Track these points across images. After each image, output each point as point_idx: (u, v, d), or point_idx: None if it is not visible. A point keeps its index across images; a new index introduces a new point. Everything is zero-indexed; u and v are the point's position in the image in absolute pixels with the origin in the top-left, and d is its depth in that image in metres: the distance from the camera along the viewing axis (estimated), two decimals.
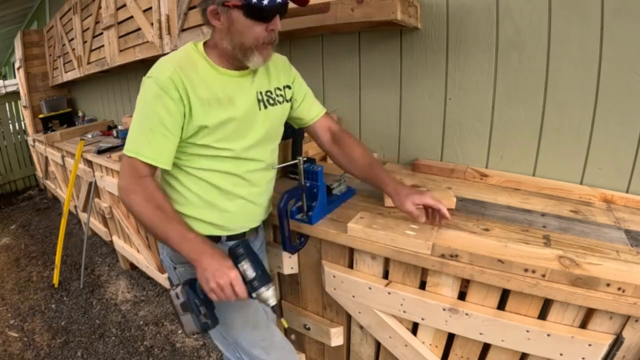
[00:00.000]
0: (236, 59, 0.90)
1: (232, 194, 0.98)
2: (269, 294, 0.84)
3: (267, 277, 0.85)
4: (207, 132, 0.90)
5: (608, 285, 0.77)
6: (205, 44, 0.94)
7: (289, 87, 1.07)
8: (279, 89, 1.03)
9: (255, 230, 1.12)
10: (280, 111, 1.04)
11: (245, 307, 1.03)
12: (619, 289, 0.76)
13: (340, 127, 1.18)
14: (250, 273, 0.82)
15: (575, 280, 0.79)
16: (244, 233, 1.06)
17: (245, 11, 0.82)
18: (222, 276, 0.79)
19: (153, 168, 0.89)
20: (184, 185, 0.95)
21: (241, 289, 0.81)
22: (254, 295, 0.83)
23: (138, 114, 0.87)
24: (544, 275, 0.82)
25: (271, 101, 1.00)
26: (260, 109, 0.97)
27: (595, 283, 0.78)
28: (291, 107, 1.10)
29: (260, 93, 0.98)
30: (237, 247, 0.85)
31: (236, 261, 0.83)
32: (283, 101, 1.04)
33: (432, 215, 0.99)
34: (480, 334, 0.91)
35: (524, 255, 0.86)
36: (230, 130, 0.92)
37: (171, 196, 0.97)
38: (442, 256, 0.91)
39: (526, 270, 0.83)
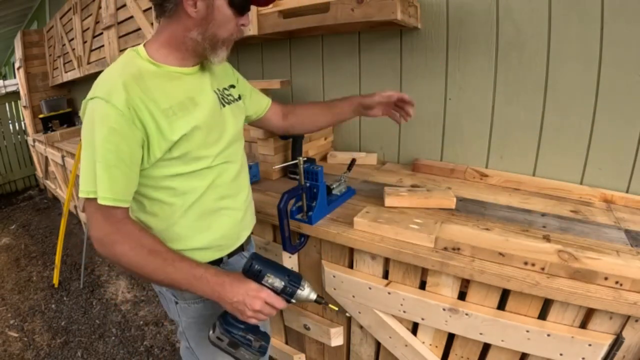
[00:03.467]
0: (197, 54, 0.84)
1: (220, 208, 0.91)
2: (306, 292, 0.80)
3: (296, 278, 0.80)
4: (180, 143, 0.80)
5: (606, 279, 0.78)
6: (146, 45, 0.83)
7: (234, 87, 1.03)
8: (226, 88, 0.99)
9: (249, 238, 1.07)
10: (237, 109, 0.99)
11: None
12: (617, 282, 0.77)
13: (284, 103, 1.20)
14: (279, 283, 0.78)
15: (574, 274, 0.80)
16: (242, 245, 1.00)
17: (230, 0, 0.78)
18: (253, 302, 0.75)
19: (126, 209, 0.77)
20: (170, 218, 0.85)
21: (278, 303, 0.78)
22: (292, 301, 0.80)
23: (91, 147, 0.73)
24: (543, 269, 0.83)
25: (226, 99, 0.96)
26: (221, 108, 0.92)
27: (593, 276, 0.79)
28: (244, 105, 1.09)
29: (218, 90, 0.93)
30: (252, 266, 0.78)
31: (258, 279, 0.77)
32: (234, 100, 1.00)
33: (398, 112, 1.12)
34: (480, 334, 0.91)
35: (524, 249, 0.87)
36: (204, 134, 0.83)
37: (160, 235, 0.85)
38: (445, 249, 0.93)
39: (526, 263, 0.84)
